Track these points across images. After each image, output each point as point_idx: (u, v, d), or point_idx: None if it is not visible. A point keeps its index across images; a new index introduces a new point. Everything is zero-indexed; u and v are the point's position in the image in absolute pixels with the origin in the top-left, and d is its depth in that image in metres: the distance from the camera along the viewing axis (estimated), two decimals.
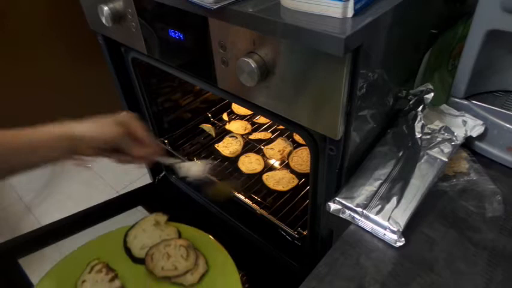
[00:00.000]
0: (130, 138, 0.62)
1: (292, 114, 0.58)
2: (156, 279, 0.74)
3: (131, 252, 0.80)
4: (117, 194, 1.56)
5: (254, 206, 0.96)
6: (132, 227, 0.84)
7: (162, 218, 0.88)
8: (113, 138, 0.60)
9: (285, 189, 1.02)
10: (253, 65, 0.53)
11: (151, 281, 0.74)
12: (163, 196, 1.22)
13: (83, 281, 0.73)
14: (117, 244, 0.81)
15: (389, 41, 0.54)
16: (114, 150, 0.63)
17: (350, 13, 0.46)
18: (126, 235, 0.82)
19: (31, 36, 1.59)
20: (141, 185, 1.25)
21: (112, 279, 0.74)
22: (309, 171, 1.03)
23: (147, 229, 0.84)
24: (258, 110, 0.65)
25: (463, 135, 0.63)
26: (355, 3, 0.45)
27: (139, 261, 0.78)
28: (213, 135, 1.21)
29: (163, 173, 1.24)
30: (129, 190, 1.22)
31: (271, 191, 1.02)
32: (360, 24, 0.45)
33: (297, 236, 0.88)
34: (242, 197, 0.98)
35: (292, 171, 1.07)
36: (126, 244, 0.81)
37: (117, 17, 0.76)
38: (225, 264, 0.77)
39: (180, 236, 0.83)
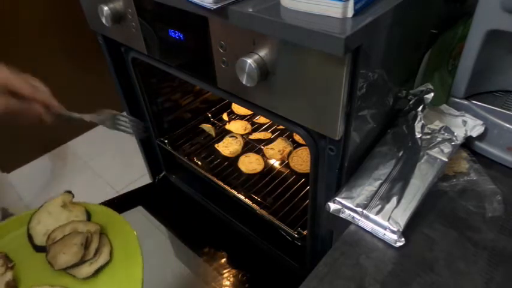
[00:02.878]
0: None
1: (292, 114, 0.58)
2: (53, 271, 0.66)
3: (33, 239, 0.70)
4: (117, 194, 1.56)
5: (254, 206, 0.96)
6: (37, 210, 0.74)
7: (67, 197, 0.76)
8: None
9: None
10: (253, 65, 0.53)
11: (47, 273, 0.66)
12: (163, 196, 1.23)
13: None
14: (21, 231, 0.72)
15: (389, 41, 0.54)
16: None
17: (350, 13, 0.46)
18: (30, 220, 0.72)
19: (31, 36, 1.59)
20: (141, 185, 1.25)
21: (4, 272, 0.65)
22: (309, 171, 1.03)
23: (53, 211, 0.74)
24: (258, 110, 0.65)
25: (463, 135, 0.63)
26: (355, 3, 0.45)
27: (42, 249, 0.69)
28: (213, 135, 1.21)
29: (163, 173, 1.24)
30: (129, 190, 1.22)
31: (271, 191, 1.02)
32: (360, 24, 0.45)
33: (297, 236, 0.88)
34: (242, 197, 0.98)
35: (292, 171, 1.07)
36: (29, 230, 0.71)
37: (117, 17, 0.76)
38: (132, 254, 0.68)
39: (89, 217, 0.75)
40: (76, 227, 0.70)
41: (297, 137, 1.16)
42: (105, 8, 0.75)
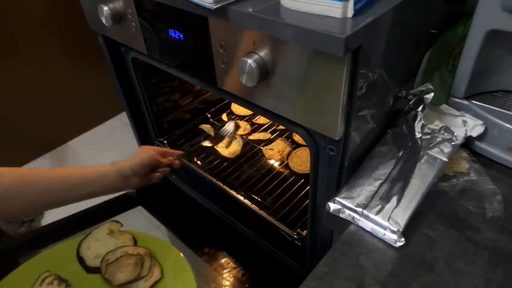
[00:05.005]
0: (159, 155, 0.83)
1: (292, 114, 0.58)
2: (110, 286, 0.74)
3: (85, 261, 0.78)
4: (118, 194, 1.56)
5: (253, 206, 0.96)
6: (85, 237, 0.82)
7: (115, 226, 0.86)
8: (149, 158, 0.79)
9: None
10: (253, 65, 0.53)
11: (106, 286, 0.74)
12: (163, 196, 1.22)
13: None
14: (70, 255, 0.79)
15: (389, 41, 0.54)
16: (152, 171, 0.81)
17: (350, 13, 0.46)
18: (79, 246, 0.80)
19: (31, 36, 1.59)
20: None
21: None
22: (308, 171, 1.03)
23: (100, 238, 0.82)
24: (258, 110, 0.65)
25: (463, 135, 0.63)
26: (355, 3, 0.45)
27: (94, 270, 0.77)
28: (213, 135, 1.21)
29: None
30: (129, 190, 1.22)
31: (270, 192, 1.02)
32: (360, 24, 0.45)
33: (296, 236, 0.88)
34: (241, 198, 0.98)
35: (292, 172, 1.07)
36: (79, 254, 0.79)
37: (117, 17, 0.76)
38: (182, 272, 0.75)
39: (135, 243, 0.82)
40: (126, 250, 0.78)
41: (297, 138, 1.16)
42: (105, 8, 0.75)
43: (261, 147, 1.15)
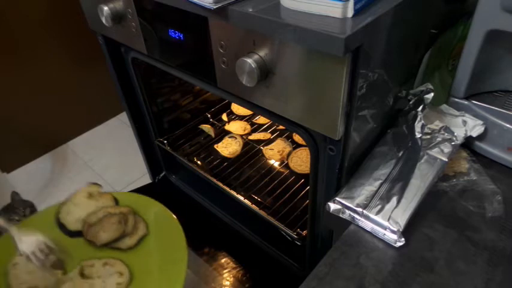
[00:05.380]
0: None
1: (292, 114, 0.58)
2: (95, 248, 0.73)
3: (66, 227, 0.76)
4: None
5: (253, 206, 0.96)
6: (63, 203, 0.80)
7: (95, 188, 0.83)
8: None
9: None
10: (253, 65, 0.53)
11: (90, 250, 0.73)
12: (163, 196, 1.22)
13: (14, 264, 0.69)
14: (49, 222, 0.77)
15: (389, 41, 0.54)
16: None
17: (350, 13, 0.46)
18: (58, 212, 0.78)
19: (31, 36, 1.59)
20: (141, 185, 1.25)
21: (47, 255, 0.70)
22: (308, 171, 1.03)
23: (80, 203, 0.80)
24: (258, 110, 0.65)
25: (463, 135, 0.63)
26: (355, 3, 0.45)
27: (77, 234, 0.75)
28: (213, 135, 1.21)
29: (163, 173, 1.24)
30: (129, 190, 1.22)
31: (270, 192, 1.02)
32: (360, 24, 0.45)
33: (296, 236, 0.88)
34: (241, 198, 0.98)
35: (292, 172, 1.07)
36: (60, 220, 0.77)
37: (117, 17, 0.76)
38: (168, 226, 0.75)
39: (117, 203, 0.81)
40: (109, 210, 0.76)
41: (297, 138, 1.16)
42: (105, 8, 0.75)
43: (261, 147, 1.15)
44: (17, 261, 0.70)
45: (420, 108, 0.64)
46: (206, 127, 1.22)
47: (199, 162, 1.14)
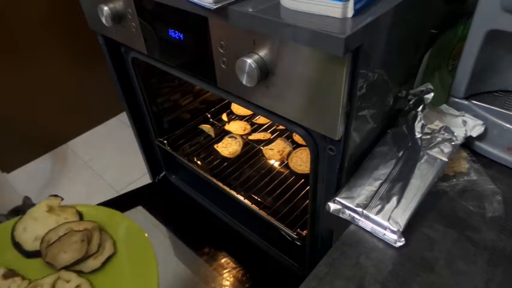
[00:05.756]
0: None
1: (292, 114, 0.58)
2: (55, 271, 0.66)
3: (21, 246, 0.69)
4: (117, 194, 1.56)
5: (253, 206, 0.96)
6: (19, 218, 0.72)
7: (55, 201, 0.74)
8: None
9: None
10: (253, 65, 0.53)
11: (49, 272, 0.66)
12: (163, 196, 1.23)
13: None
14: (4, 241, 0.70)
15: (389, 41, 0.54)
16: None
17: (350, 13, 0.46)
18: (13, 229, 0.70)
19: (31, 36, 1.59)
20: (141, 185, 1.25)
21: (5, 277, 0.64)
22: (308, 171, 1.03)
23: (38, 217, 0.72)
24: (258, 110, 0.65)
25: (463, 135, 0.63)
26: (355, 3, 0.45)
27: (34, 254, 0.68)
28: (213, 135, 1.21)
29: (163, 173, 1.24)
30: (129, 190, 1.22)
31: (270, 192, 1.02)
32: (360, 24, 0.45)
33: (296, 236, 0.88)
34: (241, 198, 0.98)
35: (292, 172, 1.07)
36: (15, 239, 0.69)
37: (117, 17, 0.76)
38: (136, 243, 0.68)
39: (81, 218, 0.74)
40: (71, 227, 0.69)
41: (297, 138, 1.16)
42: (105, 8, 0.75)
43: (261, 147, 1.15)
44: None
45: (420, 108, 0.64)
46: (206, 127, 1.22)
47: (199, 162, 1.14)
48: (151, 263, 0.65)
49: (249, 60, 0.53)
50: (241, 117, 1.28)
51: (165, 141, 1.11)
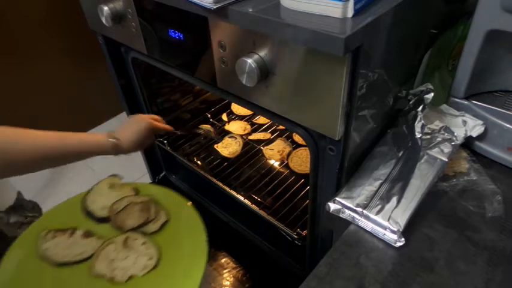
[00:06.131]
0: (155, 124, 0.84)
1: (292, 114, 0.58)
2: (123, 233, 0.78)
3: (93, 214, 0.82)
4: None
5: (253, 206, 0.96)
6: (88, 193, 0.87)
7: (116, 179, 0.90)
8: (147, 134, 0.80)
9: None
10: (253, 65, 0.53)
11: (118, 235, 0.78)
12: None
13: (45, 249, 0.75)
14: (76, 210, 0.84)
15: (389, 41, 0.54)
16: None
17: (350, 13, 0.46)
18: (84, 200, 0.85)
19: (31, 36, 1.59)
20: None
21: (72, 234, 0.77)
22: (308, 171, 1.03)
23: (103, 192, 0.86)
24: (258, 110, 0.65)
25: (463, 135, 0.63)
26: (355, 3, 0.45)
27: (103, 220, 0.82)
28: (212, 135, 1.21)
29: (163, 173, 1.24)
30: None
31: (270, 192, 1.02)
32: (360, 24, 0.45)
33: (296, 236, 0.88)
34: (241, 198, 0.98)
35: (292, 172, 1.07)
36: (87, 209, 0.83)
37: (117, 17, 0.76)
38: (184, 211, 0.81)
39: (137, 194, 0.87)
40: (131, 200, 0.83)
41: (297, 138, 1.16)
42: (105, 8, 0.75)
43: (261, 147, 1.15)
44: (46, 246, 0.75)
45: (420, 108, 0.64)
46: (206, 127, 1.22)
47: (199, 162, 1.14)
48: (198, 226, 0.77)
49: (249, 60, 0.53)
50: (241, 117, 1.28)
51: (165, 141, 1.11)
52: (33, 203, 1.55)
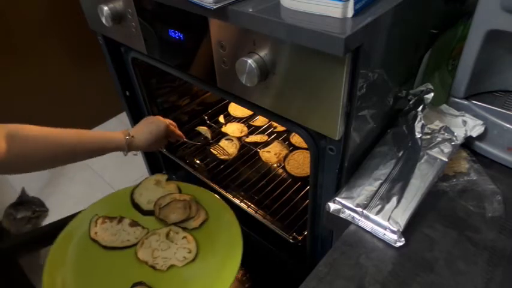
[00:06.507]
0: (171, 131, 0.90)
1: (292, 114, 0.58)
2: (166, 226, 0.86)
3: (140, 206, 0.90)
4: None
5: (249, 210, 0.96)
6: (137, 186, 0.95)
7: (162, 177, 0.98)
8: (162, 136, 0.86)
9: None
10: (253, 65, 0.53)
11: (162, 227, 0.85)
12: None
13: (95, 233, 0.83)
14: (124, 201, 0.92)
15: (389, 41, 0.54)
16: None
17: (350, 13, 0.46)
18: (132, 193, 0.93)
19: (31, 36, 1.59)
20: None
21: (120, 221, 0.86)
22: (305, 174, 1.03)
23: (149, 188, 0.95)
24: (257, 110, 0.65)
25: (463, 135, 0.63)
26: (355, 3, 0.45)
27: (148, 213, 0.89)
28: (209, 137, 1.20)
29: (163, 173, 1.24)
30: None
31: (267, 194, 1.02)
32: (360, 24, 0.45)
33: (292, 241, 0.88)
34: (237, 201, 0.98)
35: (289, 175, 1.06)
36: (134, 201, 0.91)
37: (117, 17, 0.76)
38: (223, 212, 0.87)
39: (180, 192, 0.94)
40: (174, 197, 0.91)
41: (294, 140, 1.15)
42: (105, 8, 0.75)
43: (258, 150, 1.14)
44: (96, 230, 0.84)
45: (420, 108, 0.64)
46: (203, 129, 1.21)
47: (195, 164, 1.14)
48: (235, 228, 0.83)
49: (249, 60, 0.53)
50: (238, 119, 1.27)
51: None
52: (38, 199, 1.56)
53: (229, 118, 1.28)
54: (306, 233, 0.85)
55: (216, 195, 0.92)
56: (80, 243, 0.83)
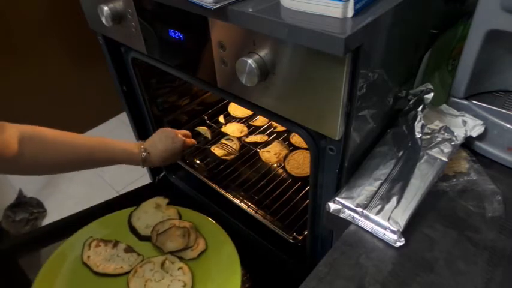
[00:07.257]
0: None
1: (292, 114, 0.58)
2: (162, 254, 0.82)
3: (137, 231, 0.87)
4: (117, 194, 1.56)
5: (249, 210, 0.96)
6: (135, 209, 0.92)
7: (162, 201, 0.95)
8: (178, 151, 0.86)
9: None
10: (253, 65, 0.53)
11: (158, 255, 0.83)
12: (163, 196, 1.22)
13: (88, 256, 0.81)
14: (122, 224, 0.89)
15: (389, 41, 0.54)
16: None
17: (350, 13, 0.46)
18: (130, 216, 0.90)
19: (31, 36, 1.59)
20: (141, 185, 1.25)
21: (114, 246, 0.83)
22: (305, 174, 1.03)
23: (148, 211, 0.92)
24: (257, 110, 0.65)
25: (463, 135, 0.63)
26: (355, 3, 0.45)
27: (145, 238, 0.86)
28: (209, 137, 1.20)
29: (163, 173, 1.24)
30: (129, 190, 1.22)
31: (267, 194, 1.02)
32: (360, 24, 0.45)
33: (292, 241, 0.88)
34: (237, 201, 0.98)
35: (289, 175, 1.06)
36: (132, 224, 0.88)
37: (117, 17, 0.76)
38: (223, 244, 0.84)
39: (180, 218, 0.91)
40: (174, 223, 0.88)
41: (294, 140, 1.15)
42: (105, 8, 0.75)
43: (258, 150, 1.14)
44: (89, 254, 0.82)
45: (420, 108, 0.64)
46: (203, 129, 1.21)
47: (195, 164, 1.14)
48: (234, 264, 0.80)
49: (249, 60, 0.53)
50: (238, 119, 1.27)
51: None
52: (36, 200, 1.56)
53: (229, 118, 1.28)
54: (306, 233, 0.85)
55: (217, 224, 0.89)
56: (71, 267, 0.80)
